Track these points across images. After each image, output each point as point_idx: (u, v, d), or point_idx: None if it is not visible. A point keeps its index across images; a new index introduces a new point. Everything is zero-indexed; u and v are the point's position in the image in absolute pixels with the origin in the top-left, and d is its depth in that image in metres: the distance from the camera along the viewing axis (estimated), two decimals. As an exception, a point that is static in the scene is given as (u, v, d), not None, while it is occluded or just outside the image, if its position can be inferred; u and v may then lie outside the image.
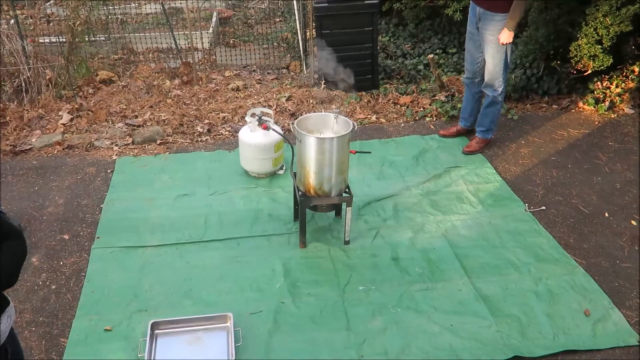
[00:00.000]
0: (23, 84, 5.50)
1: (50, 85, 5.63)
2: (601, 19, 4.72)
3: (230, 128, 5.14)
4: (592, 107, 5.31)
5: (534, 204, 3.99)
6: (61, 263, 3.48)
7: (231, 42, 8.05)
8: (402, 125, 5.22)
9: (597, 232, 3.71)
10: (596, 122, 5.13)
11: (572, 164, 4.49)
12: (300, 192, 3.47)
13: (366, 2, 5.58)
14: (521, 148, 4.75)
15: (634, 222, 3.78)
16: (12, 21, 6.59)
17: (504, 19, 4.14)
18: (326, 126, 3.50)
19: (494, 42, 4.24)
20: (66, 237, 3.72)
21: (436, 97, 5.61)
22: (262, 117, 4.13)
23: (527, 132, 4.99)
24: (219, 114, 5.39)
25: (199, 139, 4.98)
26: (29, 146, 4.82)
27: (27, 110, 5.32)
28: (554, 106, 5.45)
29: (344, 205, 3.56)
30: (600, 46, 4.83)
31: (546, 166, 4.48)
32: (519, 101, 5.54)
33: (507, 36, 4.16)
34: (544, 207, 3.96)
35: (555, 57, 5.37)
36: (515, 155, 4.65)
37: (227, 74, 6.58)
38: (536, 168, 4.46)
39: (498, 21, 4.17)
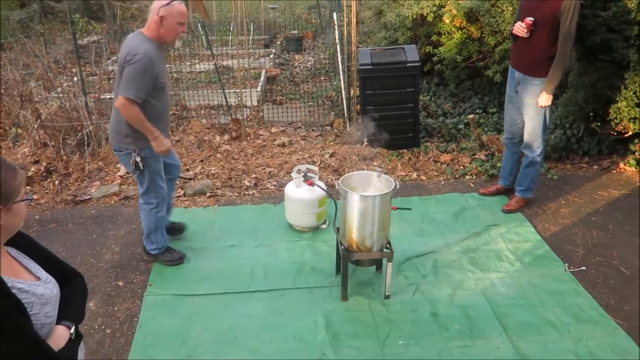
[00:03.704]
0: (85, 138, 5.91)
1: (109, 139, 6.01)
2: (640, 83, 4.81)
3: (275, 183, 5.38)
4: (633, 168, 5.34)
5: (574, 264, 4.02)
6: (115, 308, 3.69)
7: (278, 99, 8.42)
8: (442, 183, 5.35)
9: (639, 294, 3.70)
10: (637, 183, 5.14)
11: (613, 225, 4.51)
12: (342, 247, 3.62)
13: (408, 64, 5.82)
14: (561, 208, 4.80)
15: (677, 286, 3.76)
16: (75, 78, 7.11)
17: (542, 83, 4.28)
18: (369, 184, 3.68)
19: (533, 105, 4.38)
20: (121, 283, 3.94)
21: (476, 156, 5.74)
22: (308, 174, 4.34)
23: (567, 192, 5.04)
24: (265, 168, 5.65)
25: (246, 193, 5.22)
26: (89, 196, 5.15)
27: (87, 162, 5.70)
28: (595, 167, 5.50)
29: (384, 261, 3.68)
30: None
31: (586, 226, 4.51)
32: (559, 161, 5.61)
33: (545, 99, 4.30)
34: (584, 268, 3.98)
35: (595, 118, 5.45)
36: (555, 214, 4.70)
37: (273, 130, 6.89)
38: (576, 228, 4.50)
39: (537, 85, 4.32)
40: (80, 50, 7.34)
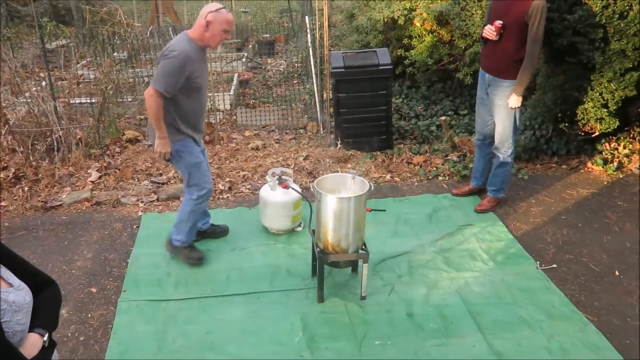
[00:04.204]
0: (55, 143, 5.80)
1: (80, 144, 5.93)
2: (606, 85, 4.94)
3: (250, 186, 5.36)
4: (600, 167, 5.47)
5: (545, 262, 4.10)
6: (89, 315, 3.63)
7: (251, 103, 8.40)
8: (416, 184, 5.41)
9: (608, 290, 3.80)
10: (605, 182, 5.27)
11: (582, 223, 4.62)
12: (318, 249, 3.63)
13: (380, 67, 5.86)
14: (532, 207, 4.89)
15: (644, 281, 3.87)
16: (43, 83, 6.99)
17: (512, 85, 4.37)
18: (344, 186, 3.69)
19: (503, 106, 4.46)
20: (94, 290, 3.88)
21: (448, 157, 5.81)
22: (282, 176, 4.34)
23: (538, 192, 5.14)
24: (239, 172, 5.63)
25: (221, 197, 5.20)
26: (59, 202, 5.06)
27: (58, 168, 5.60)
28: (564, 166, 5.62)
29: (360, 262, 3.71)
30: (606, 110, 5.03)
31: (557, 225, 4.61)
32: (529, 161, 5.72)
33: (515, 101, 4.38)
34: (555, 265, 4.07)
35: (563, 119, 5.57)
36: (526, 214, 4.79)
37: (247, 133, 6.87)
38: (547, 227, 4.59)
39: (506, 87, 4.40)
40: (48, 54, 7.22)
